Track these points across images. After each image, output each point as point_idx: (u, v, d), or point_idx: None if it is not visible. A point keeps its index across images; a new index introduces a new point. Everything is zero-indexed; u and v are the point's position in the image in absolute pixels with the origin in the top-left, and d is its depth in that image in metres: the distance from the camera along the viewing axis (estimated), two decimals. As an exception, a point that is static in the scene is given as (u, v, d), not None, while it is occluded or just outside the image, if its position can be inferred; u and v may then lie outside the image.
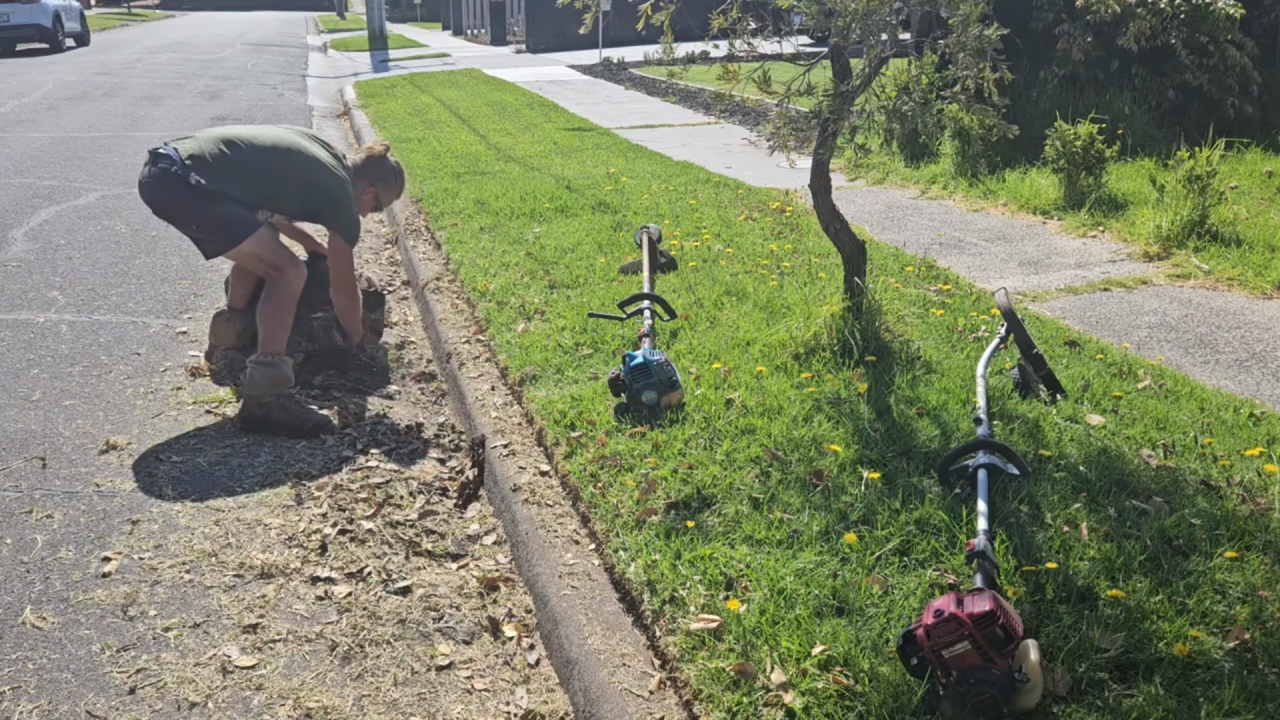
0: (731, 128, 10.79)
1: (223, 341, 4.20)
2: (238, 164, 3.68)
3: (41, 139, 10.20)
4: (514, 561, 2.99)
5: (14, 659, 2.45)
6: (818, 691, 2.10)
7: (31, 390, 4.05)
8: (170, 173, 3.57)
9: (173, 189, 3.59)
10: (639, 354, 3.51)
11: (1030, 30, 8.04)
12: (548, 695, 2.42)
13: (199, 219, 3.65)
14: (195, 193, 3.58)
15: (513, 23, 27.33)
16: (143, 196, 3.67)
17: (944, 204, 6.91)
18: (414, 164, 8.51)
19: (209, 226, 3.66)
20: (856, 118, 3.75)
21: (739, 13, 3.65)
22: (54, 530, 3.02)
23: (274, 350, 3.70)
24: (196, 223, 3.67)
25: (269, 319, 3.72)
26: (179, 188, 3.58)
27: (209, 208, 3.62)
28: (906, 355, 3.79)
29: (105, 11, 46.81)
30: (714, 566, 2.54)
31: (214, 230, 3.66)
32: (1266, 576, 2.42)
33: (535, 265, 5.30)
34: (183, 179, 3.56)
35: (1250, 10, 7.77)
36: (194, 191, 3.58)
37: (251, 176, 3.70)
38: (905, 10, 3.57)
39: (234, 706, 2.32)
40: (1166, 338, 4.19)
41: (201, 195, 3.59)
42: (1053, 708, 2.03)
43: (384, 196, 4.16)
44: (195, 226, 3.68)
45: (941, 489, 2.84)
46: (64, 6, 23.22)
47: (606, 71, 17.32)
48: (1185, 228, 5.45)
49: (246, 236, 3.65)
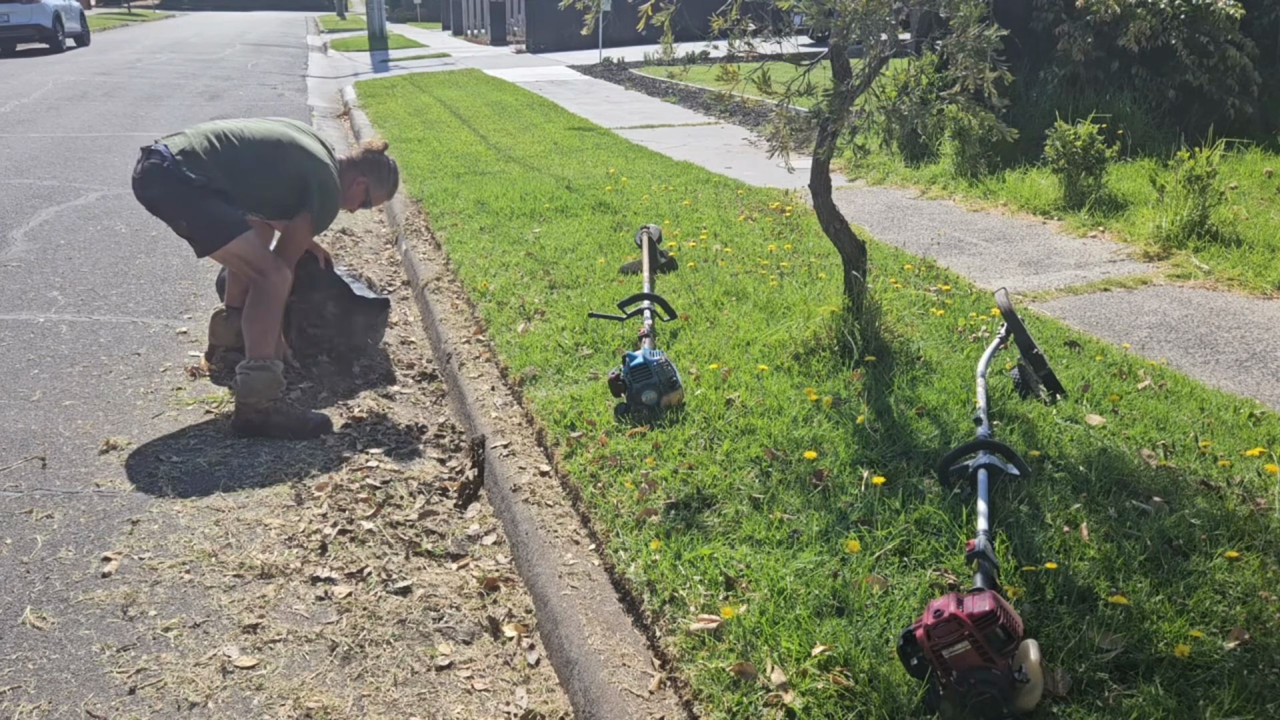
0: (731, 128, 10.79)
1: (222, 341, 4.20)
2: (228, 157, 3.67)
3: (41, 139, 10.20)
4: (514, 561, 2.99)
5: (14, 659, 2.45)
6: (818, 692, 2.10)
7: (31, 390, 4.05)
8: (161, 168, 3.56)
9: (164, 184, 3.59)
10: (639, 354, 3.51)
11: (1030, 30, 8.04)
12: (548, 695, 2.42)
13: (190, 216, 3.64)
14: (186, 188, 3.57)
15: (513, 23, 27.33)
16: (135, 193, 3.67)
17: (944, 204, 6.91)
18: (414, 164, 8.51)
19: (199, 224, 3.64)
20: (856, 118, 3.75)
21: (739, 14, 3.65)
22: (54, 530, 3.02)
23: (263, 354, 3.67)
24: (187, 220, 3.65)
25: (255, 323, 3.69)
26: (170, 184, 3.58)
27: (199, 205, 3.60)
28: (906, 355, 3.79)
29: (105, 11, 46.81)
30: (714, 566, 2.54)
31: (204, 229, 3.65)
32: (1266, 576, 2.42)
33: (535, 265, 5.31)
34: (173, 174, 3.56)
35: (1250, 10, 7.77)
36: (185, 187, 3.57)
37: (242, 169, 3.69)
38: (905, 10, 3.57)
39: (234, 706, 2.32)
40: (1166, 338, 4.19)
41: (192, 191, 3.57)
42: (1053, 708, 2.03)
43: (375, 192, 4.12)
44: (186, 224, 3.66)
45: (941, 489, 2.84)
46: (64, 6, 23.22)
47: (606, 71, 17.32)
48: (1185, 228, 5.45)
49: (234, 237, 3.63)
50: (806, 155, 3.81)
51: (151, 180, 3.60)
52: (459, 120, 11.45)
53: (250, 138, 3.76)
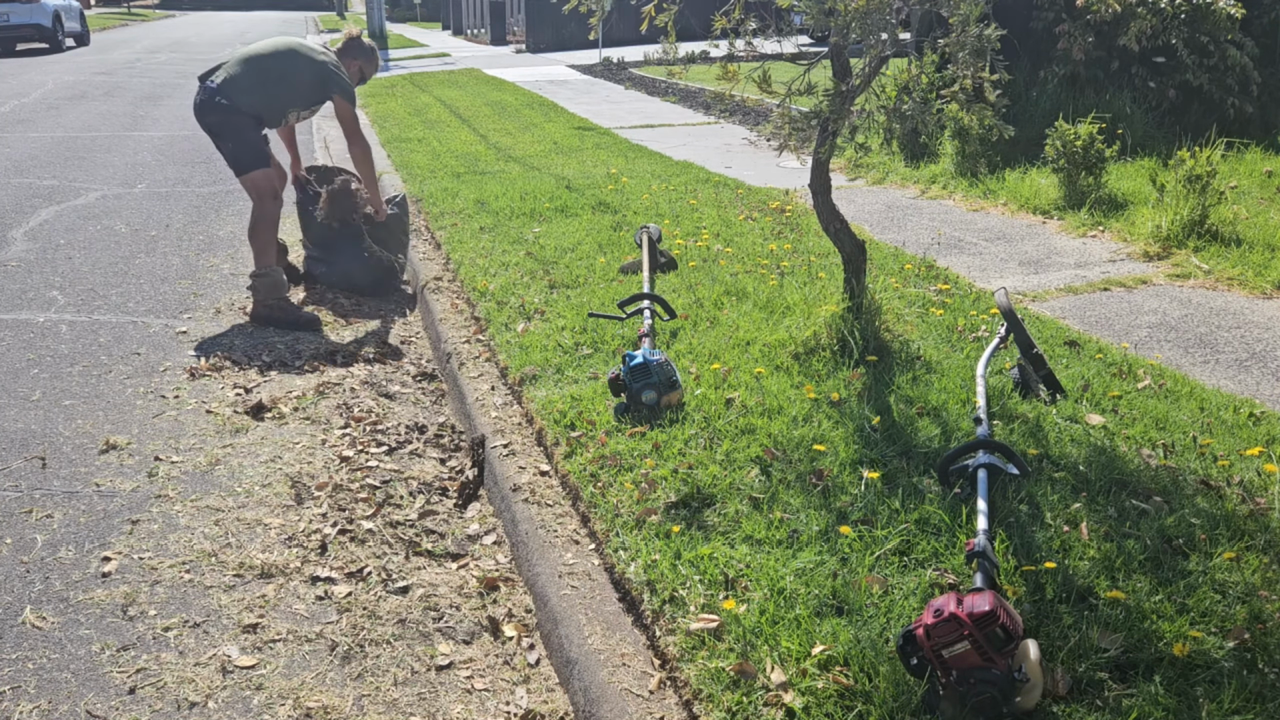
0: (731, 127, 10.79)
1: None
2: (257, 77, 4.73)
3: (41, 139, 10.20)
4: (514, 561, 2.99)
5: (14, 659, 2.45)
6: (818, 691, 2.10)
7: (31, 390, 4.05)
8: (212, 100, 4.66)
9: (220, 113, 4.69)
10: (639, 354, 3.51)
11: (1030, 30, 8.04)
12: (548, 695, 2.42)
13: (234, 141, 4.74)
14: (238, 118, 4.69)
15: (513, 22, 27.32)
16: (196, 119, 4.74)
17: (944, 204, 6.91)
18: (414, 164, 8.51)
19: (241, 149, 4.75)
20: (856, 117, 3.75)
21: (740, 13, 3.65)
22: (54, 530, 3.02)
23: (266, 264, 4.82)
24: (232, 143, 4.75)
25: (257, 239, 4.81)
26: (226, 114, 4.69)
27: (244, 134, 4.73)
28: (906, 355, 3.79)
29: (105, 11, 46.80)
30: (714, 566, 2.54)
31: (243, 154, 4.76)
32: (1266, 576, 2.42)
33: (535, 265, 5.31)
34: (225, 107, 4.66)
35: (1250, 10, 7.77)
36: (237, 116, 4.69)
37: (268, 80, 4.75)
38: (905, 10, 3.57)
39: (234, 706, 2.32)
40: (1166, 337, 4.19)
41: (242, 120, 4.70)
42: (1053, 708, 2.03)
43: (366, 69, 5.23)
44: (231, 145, 4.75)
45: (941, 489, 2.84)
46: (64, 6, 23.22)
47: (606, 71, 17.31)
48: (1185, 227, 5.44)
49: (258, 168, 4.77)
50: (806, 154, 3.81)
51: (209, 109, 4.69)
52: (459, 120, 11.45)
53: (267, 53, 4.81)
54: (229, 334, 4.76)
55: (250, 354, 4.48)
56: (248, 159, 4.76)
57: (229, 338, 4.70)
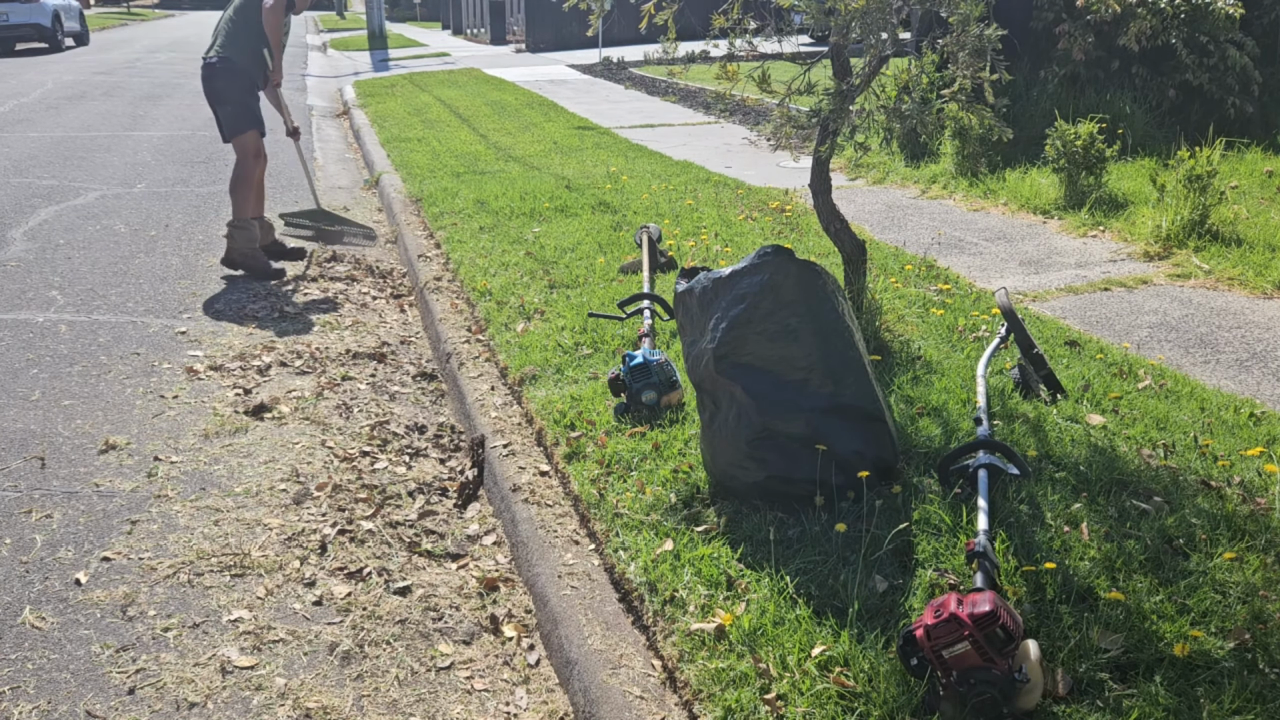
0: (731, 127, 10.78)
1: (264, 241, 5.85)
2: (233, 33, 5.46)
3: (41, 139, 10.19)
4: (514, 561, 2.99)
5: (13, 659, 2.45)
6: (818, 692, 2.10)
7: (31, 390, 4.05)
8: (214, 67, 5.44)
9: (225, 78, 5.44)
10: (639, 354, 3.51)
11: (1030, 30, 8.04)
12: (548, 695, 2.42)
13: (234, 103, 5.46)
14: (242, 81, 5.46)
15: (512, 22, 27.32)
16: (203, 85, 5.52)
17: (944, 203, 6.91)
18: (414, 163, 8.51)
19: (238, 111, 5.48)
20: (856, 117, 3.75)
21: (740, 12, 3.65)
22: (54, 530, 3.02)
23: (243, 216, 5.54)
24: (232, 104, 5.47)
25: (236, 193, 5.55)
26: (230, 78, 5.44)
27: (243, 98, 5.48)
28: (907, 355, 3.78)
29: (104, 11, 46.79)
30: (714, 567, 2.54)
31: (239, 115, 5.48)
32: (1267, 576, 2.42)
33: (535, 265, 5.30)
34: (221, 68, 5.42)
35: (1250, 10, 7.77)
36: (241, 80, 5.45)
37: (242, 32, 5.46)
38: (905, 9, 3.57)
39: (233, 706, 2.31)
40: (1167, 337, 4.19)
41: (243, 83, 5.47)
42: (1053, 708, 2.03)
43: None
44: (230, 108, 5.47)
45: (941, 489, 2.84)
46: (63, 6, 23.20)
47: (606, 71, 17.30)
48: (1185, 227, 5.44)
49: (251, 129, 5.53)
50: (806, 154, 3.80)
51: (215, 74, 5.44)
52: (459, 119, 11.44)
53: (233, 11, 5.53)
54: (229, 334, 4.75)
55: (250, 354, 4.47)
56: (244, 121, 5.48)
57: (229, 338, 4.70)
